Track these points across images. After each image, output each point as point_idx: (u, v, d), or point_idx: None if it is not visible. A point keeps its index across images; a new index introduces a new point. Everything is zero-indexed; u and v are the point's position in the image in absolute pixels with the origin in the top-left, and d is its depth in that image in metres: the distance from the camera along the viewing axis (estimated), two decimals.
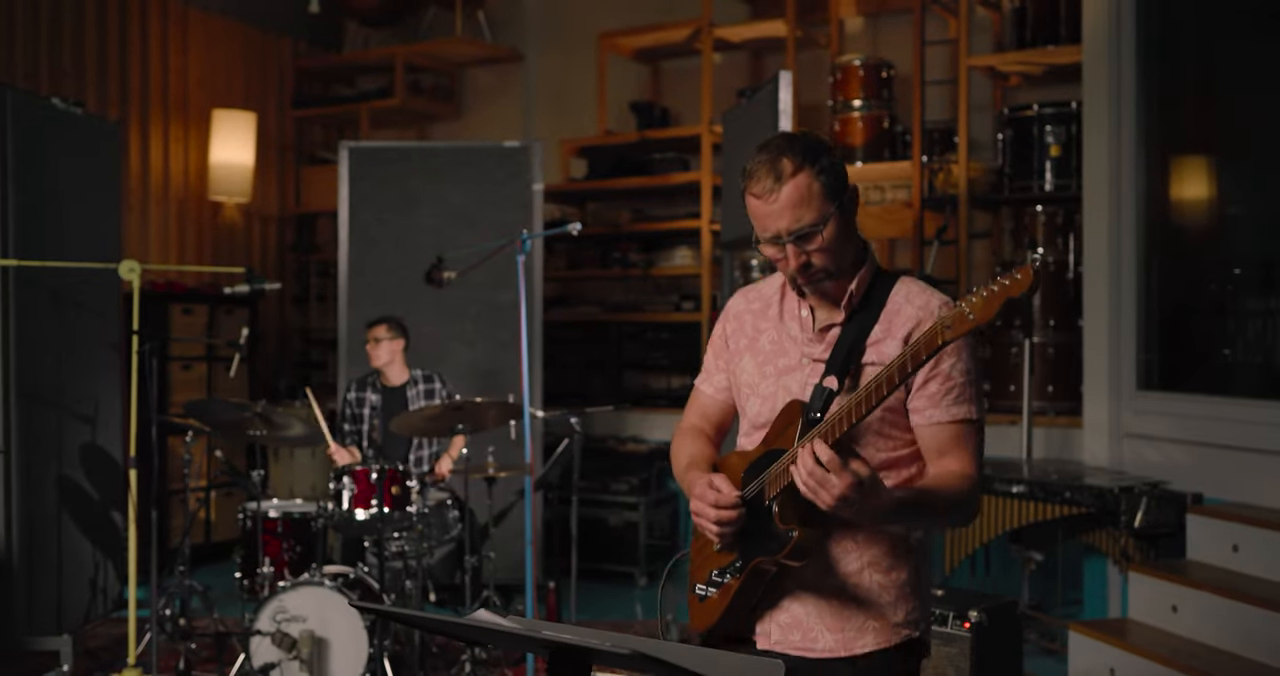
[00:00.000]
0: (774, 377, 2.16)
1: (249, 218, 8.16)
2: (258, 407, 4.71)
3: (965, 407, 2.06)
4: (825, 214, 2.02)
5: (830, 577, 2.09)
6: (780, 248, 2.05)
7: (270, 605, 4.39)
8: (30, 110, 5.02)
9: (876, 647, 2.09)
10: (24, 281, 4.86)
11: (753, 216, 2.07)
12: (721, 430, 2.35)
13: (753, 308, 2.27)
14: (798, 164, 2.01)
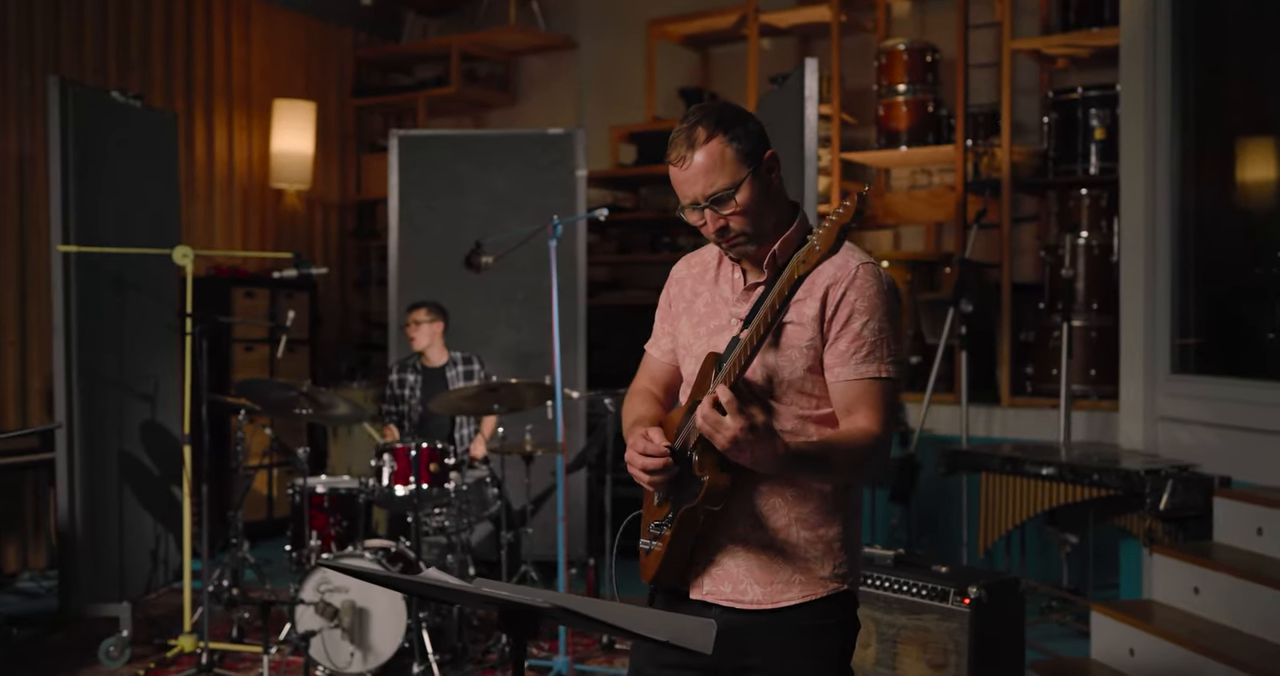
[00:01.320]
0: (705, 338, 2.26)
1: (310, 204, 8.40)
2: (304, 387, 4.90)
3: (875, 366, 2.12)
4: (738, 178, 2.10)
5: (759, 532, 2.18)
6: (700, 213, 2.14)
7: (314, 576, 4.59)
8: (90, 104, 5.26)
9: (803, 599, 2.17)
10: (85, 267, 5.11)
11: (674, 184, 2.17)
12: (670, 391, 2.43)
13: (693, 272, 2.36)
14: (710, 131, 2.10)
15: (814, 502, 2.18)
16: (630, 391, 2.46)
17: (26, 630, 5.21)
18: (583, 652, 4.86)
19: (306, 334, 7.59)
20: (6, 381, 6.48)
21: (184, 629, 4.95)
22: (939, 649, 3.32)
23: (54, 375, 4.98)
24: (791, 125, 5.12)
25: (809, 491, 2.17)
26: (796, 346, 2.14)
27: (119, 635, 4.86)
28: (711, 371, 2.13)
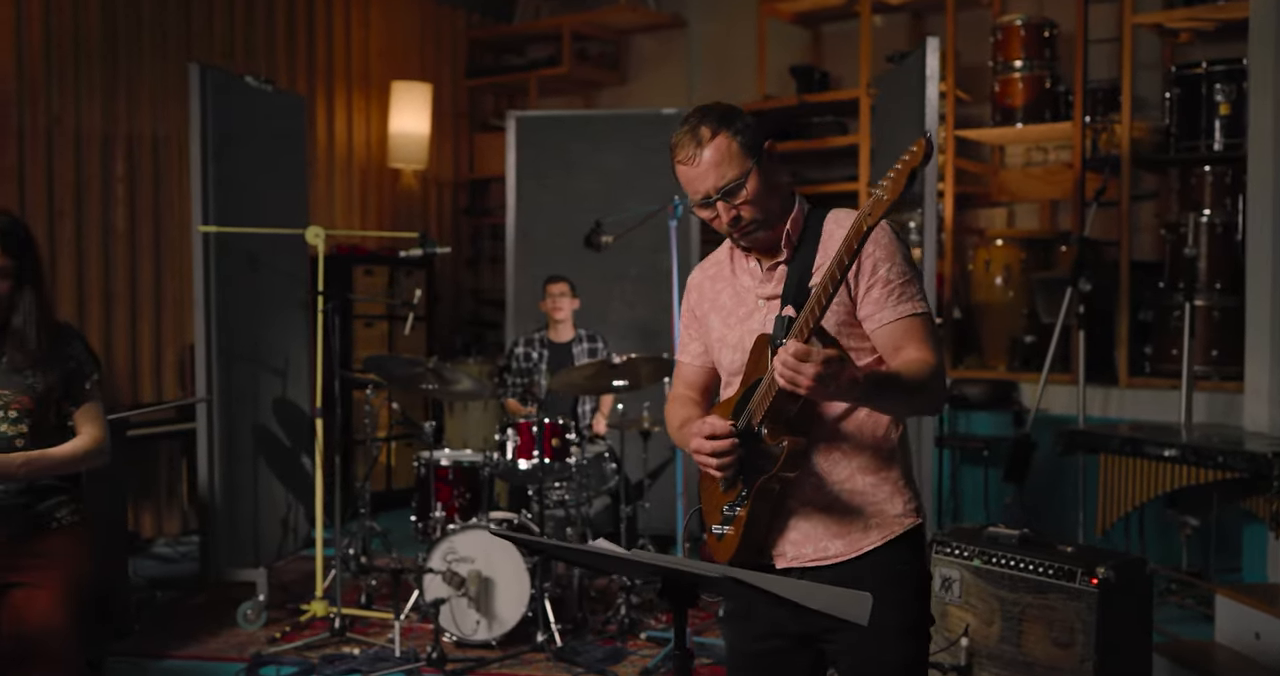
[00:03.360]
0: (738, 325, 2.35)
1: (425, 184, 8.59)
2: (430, 363, 5.05)
3: (910, 304, 2.22)
4: (745, 169, 2.21)
5: (826, 488, 2.26)
6: (711, 207, 2.24)
7: (441, 546, 4.75)
8: (226, 88, 5.45)
9: (883, 540, 2.26)
10: (223, 247, 5.32)
11: (684, 183, 2.27)
12: (707, 393, 2.54)
13: (709, 274, 2.46)
14: (714, 128, 2.22)
15: (870, 448, 2.26)
16: (670, 399, 2.56)
17: (168, 592, 5.47)
18: (699, 625, 4.95)
19: (424, 310, 7.78)
20: (143, 355, 6.77)
21: (315, 594, 5.14)
22: (1065, 628, 3.34)
23: (195, 351, 5.21)
24: (911, 103, 5.12)
25: (863, 439, 2.26)
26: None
27: (256, 599, 5.08)
28: (766, 351, 2.20)
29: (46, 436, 2.83)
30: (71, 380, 2.88)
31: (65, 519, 2.87)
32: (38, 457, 2.79)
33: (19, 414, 2.79)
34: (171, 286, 6.90)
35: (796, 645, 2.29)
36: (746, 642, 2.34)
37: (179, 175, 6.95)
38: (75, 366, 2.90)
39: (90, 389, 2.94)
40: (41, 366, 2.82)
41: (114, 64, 6.63)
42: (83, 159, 6.51)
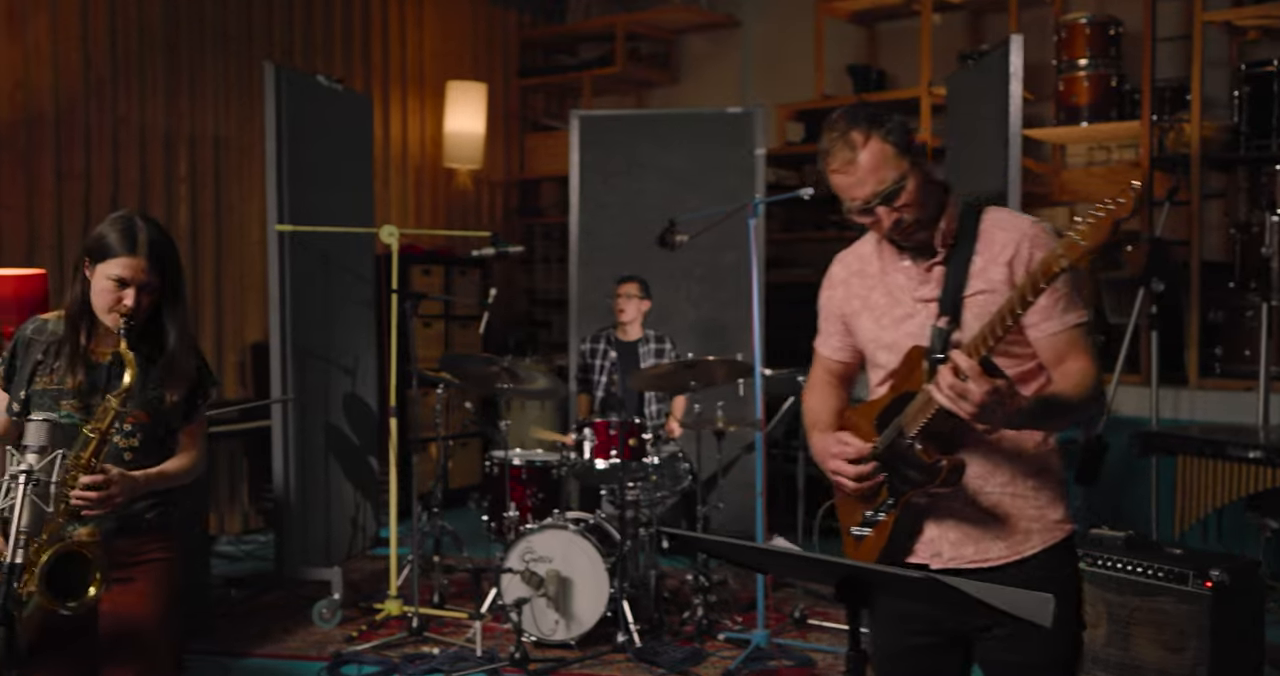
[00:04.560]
0: (893, 327, 2.31)
1: (479, 183, 8.59)
2: (504, 362, 5.04)
3: (1074, 313, 2.22)
4: (902, 170, 2.17)
5: (986, 492, 2.24)
6: (871, 213, 2.20)
7: (519, 545, 4.74)
8: (299, 87, 5.46)
9: (1044, 546, 2.25)
10: (297, 245, 5.32)
11: (839, 191, 2.23)
12: (846, 384, 2.53)
13: (853, 270, 2.42)
14: (866, 133, 2.17)
15: (1030, 453, 2.25)
16: (808, 387, 2.56)
17: (241, 591, 5.48)
18: (778, 627, 4.93)
19: (477, 310, 7.78)
20: (205, 353, 6.78)
21: (389, 593, 5.14)
22: (1176, 632, 3.30)
23: (270, 350, 5.21)
24: (989, 103, 5.08)
25: (1023, 443, 2.24)
26: (991, 312, 2.16)
27: (330, 598, 5.08)
28: (919, 363, 2.18)
29: (151, 449, 2.78)
30: (192, 397, 2.85)
31: (155, 519, 2.86)
32: (157, 475, 2.76)
33: (133, 427, 2.74)
34: (232, 286, 6.92)
35: (949, 643, 2.27)
36: (900, 640, 2.32)
37: (240, 175, 6.97)
38: (197, 383, 2.86)
39: (202, 406, 2.91)
40: (174, 382, 2.75)
41: (177, 64, 6.66)
42: (147, 159, 6.53)
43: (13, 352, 2.77)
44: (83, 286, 2.72)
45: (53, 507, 2.43)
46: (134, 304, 2.66)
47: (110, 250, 2.66)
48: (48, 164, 6.09)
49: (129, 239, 2.67)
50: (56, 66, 6.11)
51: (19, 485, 2.36)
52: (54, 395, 2.68)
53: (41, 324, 2.78)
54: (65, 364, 2.70)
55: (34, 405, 2.70)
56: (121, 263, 2.65)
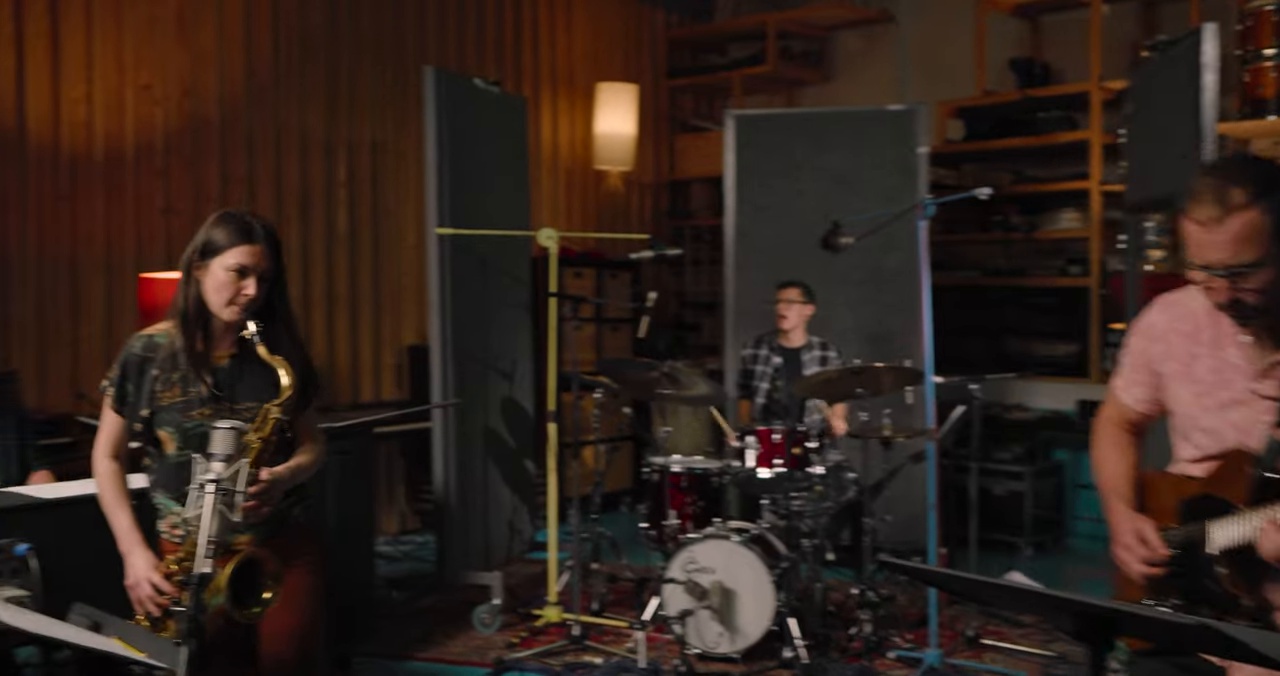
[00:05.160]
0: (1217, 412, 2.07)
1: (629, 185, 8.53)
2: (665, 367, 4.94)
3: None
4: (1266, 256, 1.92)
5: None
6: (1211, 277, 1.97)
7: (680, 555, 4.63)
8: (457, 90, 5.45)
9: None
10: (457, 249, 5.31)
11: (1187, 238, 1.99)
12: (1141, 433, 2.33)
13: (1180, 328, 2.17)
14: (1249, 197, 1.91)
15: None
16: (1099, 431, 2.35)
17: (402, 592, 5.49)
18: (951, 646, 4.73)
19: (630, 313, 7.72)
20: (363, 357, 6.86)
21: (548, 599, 5.09)
22: None
23: (431, 352, 5.21)
24: (1177, 96, 4.80)
25: None
26: None
27: (491, 603, 5.05)
28: (1243, 471, 1.96)
29: (278, 444, 2.75)
30: (304, 388, 2.80)
31: (300, 516, 2.83)
32: (296, 468, 2.74)
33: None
34: (389, 289, 6.98)
35: None
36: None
37: (396, 180, 7.04)
38: (306, 375, 2.82)
39: (314, 396, 2.88)
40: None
41: (336, 70, 6.74)
42: (307, 163, 6.63)
43: (122, 375, 2.71)
44: (194, 290, 2.68)
45: (238, 517, 2.39)
46: (255, 292, 2.64)
47: (227, 242, 2.65)
48: (214, 169, 6.21)
49: (243, 228, 2.67)
50: (222, 73, 6.24)
51: (207, 494, 2.33)
52: (181, 407, 2.66)
53: (149, 340, 2.74)
54: (187, 373, 2.67)
55: (161, 421, 2.67)
56: (241, 251, 2.63)
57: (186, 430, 2.63)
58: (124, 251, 5.84)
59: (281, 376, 2.60)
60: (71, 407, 5.51)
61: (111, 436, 2.74)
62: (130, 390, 2.68)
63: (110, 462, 2.73)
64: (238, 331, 2.66)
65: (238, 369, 2.70)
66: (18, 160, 5.47)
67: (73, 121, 5.66)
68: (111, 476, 2.72)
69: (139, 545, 2.64)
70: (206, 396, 2.65)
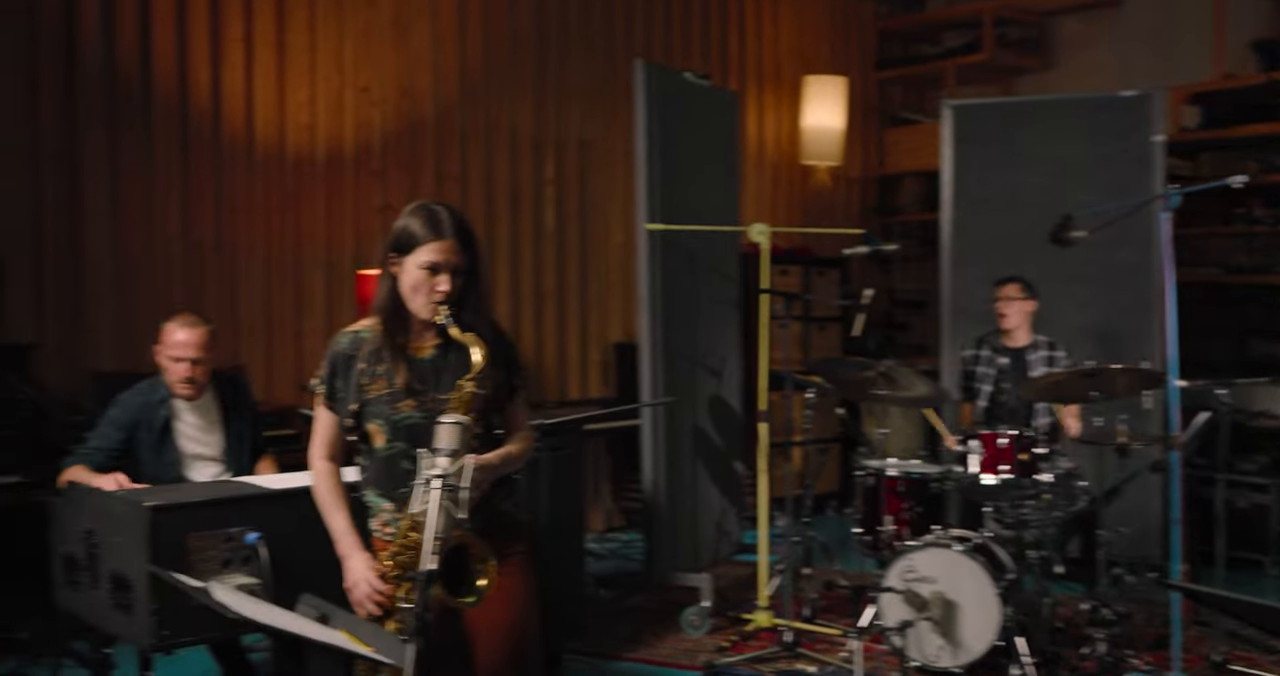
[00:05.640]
0: None
1: (835, 180, 8.32)
2: (882, 367, 4.75)
3: None
4: None
5: None
6: None
7: (899, 563, 4.43)
8: (667, 84, 5.37)
9: None
10: (667, 245, 5.23)
11: None
12: None
13: None
14: None
15: None
16: None
17: (610, 591, 5.46)
18: (1195, 670, 4.39)
19: (838, 311, 7.52)
20: (569, 354, 6.89)
21: (758, 603, 4.96)
22: None
23: (640, 350, 5.14)
24: None
25: None
26: None
27: (700, 605, 4.95)
28: None
29: (487, 435, 2.69)
30: (509, 379, 2.75)
31: (509, 509, 2.76)
32: (507, 456, 2.68)
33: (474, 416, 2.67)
34: (595, 286, 6.98)
35: None
36: None
37: (603, 176, 7.03)
38: (509, 363, 2.76)
39: (520, 384, 2.81)
40: (491, 366, 2.63)
41: (545, 67, 6.78)
42: (517, 161, 6.68)
43: (331, 371, 2.71)
44: (391, 284, 2.65)
45: (464, 514, 2.33)
46: (449, 288, 2.57)
47: (417, 238, 2.60)
48: (429, 167, 6.32)
49: (434, 224, 2.61)
50: (436, 73, 6.34)
51: (433, 489, 2.29)
52: (387, 400, 2.63)
53: (354, 336, 2.72)
54: (390, 366, 2.64)
55: (370, 414, 2.65)
56: (432, 248, 2.58)
57: (395, 422, 2.61)
58: (343, 249, 6.00)
59: (474, 353, 2.53)
60: (295, 400, 5.68)
61: (325, 435, 2.74)
62: (339, 385, 2.68)
63: (326, 463, 2.74)
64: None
65: (442, 360, 2.67)
66: (246, 164, 5.68)
67: (297, 124, 5.84)
68: (327, 477, 2.73)
69: (356, 547, 2.63)
70: (408, 389, 2.61)
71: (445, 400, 2.55)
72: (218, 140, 5.58)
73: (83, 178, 5.19)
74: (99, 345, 5.25)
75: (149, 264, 5.38)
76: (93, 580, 3.23)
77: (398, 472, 2.59)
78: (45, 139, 5.09)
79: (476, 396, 2.53)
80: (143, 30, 5.33)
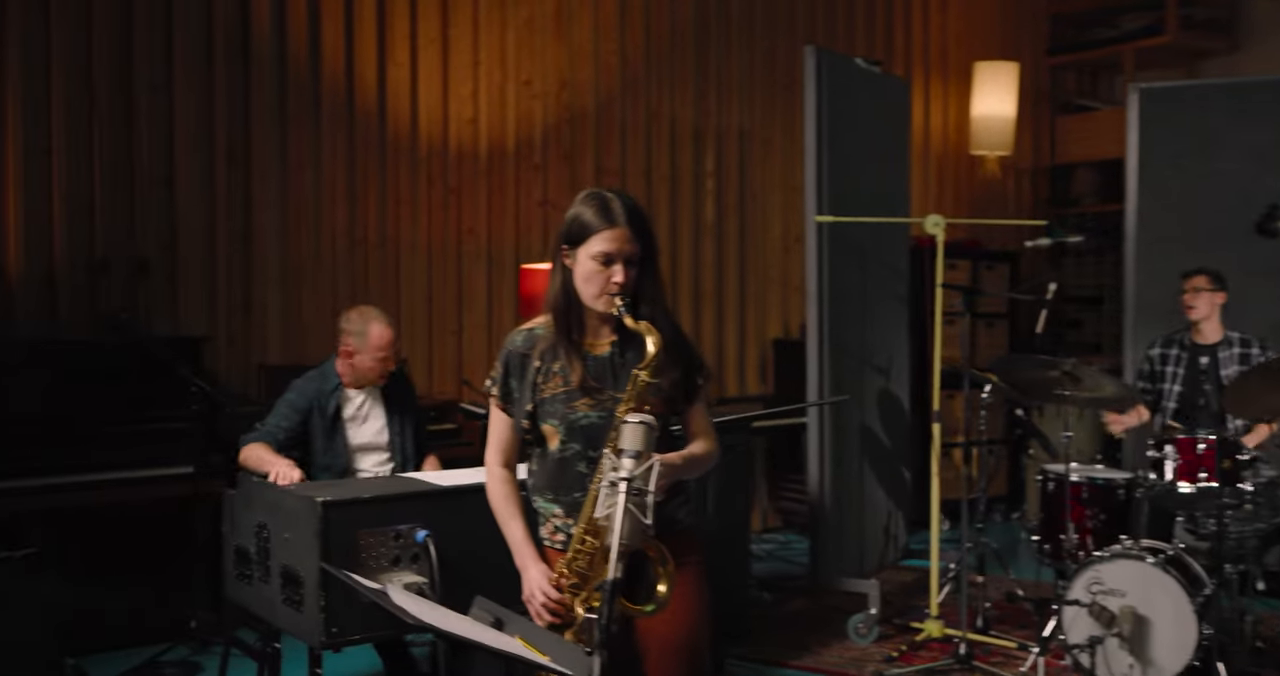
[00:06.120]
0: None
1: (1004, 171, 7.99)
2: (1066, 366, 4.47)
3: None
4: None
5: None
6: None
7: (1084, 575, 4.17)
8: (837, 71, 5.19)
9: None
10: (834, 238, 5.06)
11: None
12: None
13: None
14: None
15: None
16: None
17: (772, 594, 5.31)
18: None
19: (1005, 307, 7.21)
20: (728, 350, 6.75)
21: (928, 612, 4.75)
22: None
23: (807, 346, 4.99)
24: None
25: None
26: None
27: (867, 612, 4.77)
28: None
29: (666, 438, 2.54)
30: (688, 377, 2.58)
31: (686, 519, 2.61)
32: (690, 458, 2.52)
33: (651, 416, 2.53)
34: (754, 281, 6.83)
35: None
36: None
37: (762, 168, 6.88)
38: (689, 360, 2.60)
39: (702, 386, 2.64)
40: (667, 362, 2.49)
41: (705, 58, 6.65)
42: (676, 153, 6.58)
43: (505, 371, 2.59)
44: (564, 278, 2.52)
45: (650, 519, 2.20)
46: (623, 279, 2.44)
47: (589, 227, 2.45)
48: (588, 161, 6.26)
49: (605, 211, 2.46)
50: (597, 64, 6.28)
51: (618, 493, 2.16)
52: (563, 399, 2.50)
53: (528, 333, 2.60)
54: (565, 364, 2.51)
55: (545, 413, 2.52)
56: (604, 237, 2.44)
57: (570, 422, 2.49)
58: (504, 243, 5.99)
59: (648, 343, 2.39)
60: (455, 395, 5.68)
61: (501, 440, 2.64)
62: (514, 386, 2.58)
63: (502, 470, 2.64)
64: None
65: (619, 356, 2.54)
66: (410, 159, 5.70)
67: (460, 118, 5.84)
68: (503, 484, 2.62)
69: (533, 558, 2.53)
70: (582, 386, 2.50)
71: (622, 399, 2.43)
72: (383, 136, 5.62)
73: (253, 173, 5.27)
74: (267, 338, 5.33)
75: (315, 259, 5.44)
76: (263, 574, 3.24)
77: (571, 476, 2.47)
78: (219, 136, 5.18)
79: (651, 387, 2.40)
80: (312, 29, 5.39)
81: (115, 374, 4.62)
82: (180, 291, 5.11)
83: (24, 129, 4.73)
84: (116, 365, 4.63)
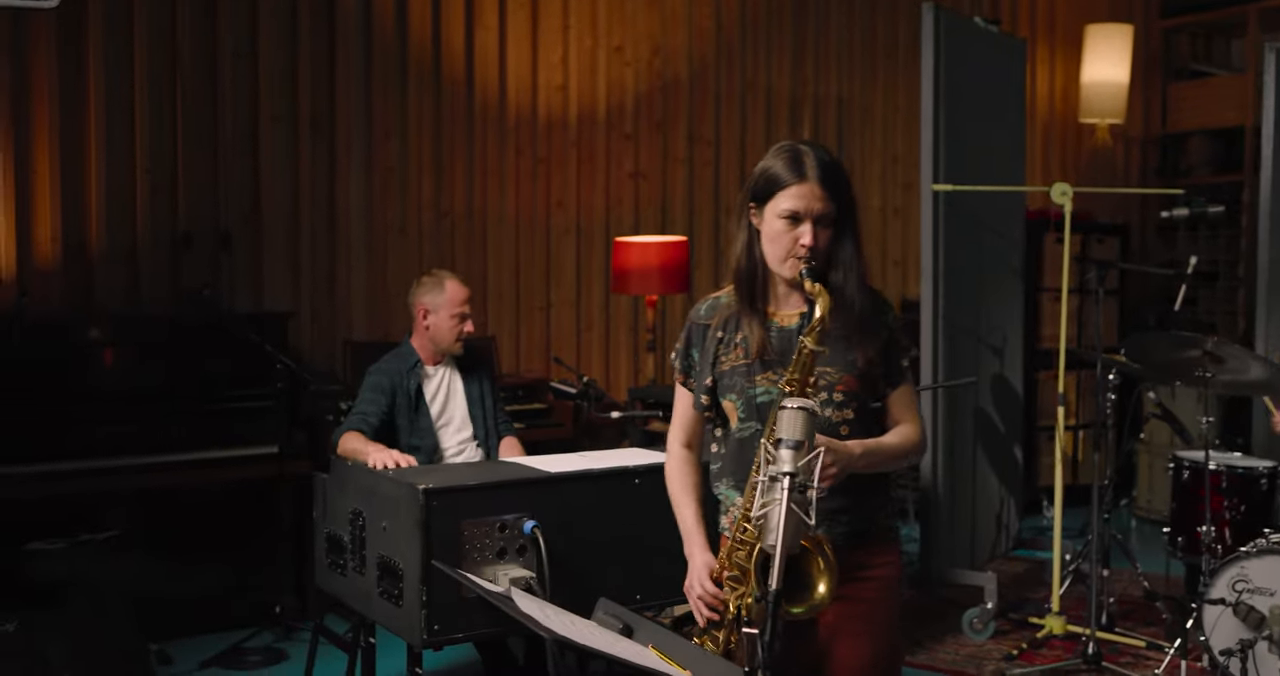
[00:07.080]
0: None
1: (1114, 139, 7.58)
2: (1208, 345, 4.13)
3: None
4: None
5: None
6: None
7: (1227, 572, 3.85)
8: (955, 30, 4.86)
9: None
10: (948, 207, 4.75)
11: None
12: None
13: None
14: None
15: None
16: None
17: None
18: None
19: (1115, 283, 6.83)
20: None
21: (1050, 607, 4.46)
22: None
23: (921, 324, 4.69)
24: None
25: None
26: None
27: (983, 606, 4.49)
28: None
29: (868, 422, 2.26)
30: (889, 355, 2.29)
31: (883, 523, 2.32)
32: (875, 447, 2.22)
33: (844, 397, 2.22)
34: None
35: None
36: None
37: (861, 137, 6.58)
38: (891, 338, 2.31)
39: (907, 367, 2.34)
40: (863, 337, 2.23)
41: (803, 24, 6.35)
42: (772, 122, 6.29)
43: (687, 343, 2.36)
44: (749, 238, 2.26)
45: (814, 520, 1.92)
46: (812, 240, 2.17)
47: (776, 182, 2.19)
48: (680, 130, 6.00)
49: (795, 165, 2.18)
50: (690, 31, 6.00)
51: (780, 489, 1.89)
52: (744, 372, 2.24)
53: (713, 301, 2.36)
54: (747, 334, 2.25)
55: (724, 388, 2.27)
56: (791, 193, 2.17)
57: (751, 398, 2.23)
58: (593, 216, 5.75)
59: (817, 307, 2.11)
60: (544, 373, 5.47)
61: (683, 418, 2.40)
62: (695, 358, 2.35)
63: (682, 450, 2.40)
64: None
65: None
66: (498, 128, 5.48)
67: (549, 85, 5.61)
68: (682, 464, 2.39)
69: (700, 547, 2.27)
70: (763, 359, 2.24)
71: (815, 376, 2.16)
72: (470, 105, 5.40)
73: (337, 143, 5.08)
74: (351, 314, 5.15)
75: (400, 231, 5.25)
76: (358, 564, 3.04)
77: (750, 458, 2.20)
78: (302, 104, 5.00)
79: (817, 355, 2.13)
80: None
81: (198, 352, 4.48)
82: (263, 266, 4.94)
83: (107, 100, 4.58)
84: (199, 342, 4.49)
